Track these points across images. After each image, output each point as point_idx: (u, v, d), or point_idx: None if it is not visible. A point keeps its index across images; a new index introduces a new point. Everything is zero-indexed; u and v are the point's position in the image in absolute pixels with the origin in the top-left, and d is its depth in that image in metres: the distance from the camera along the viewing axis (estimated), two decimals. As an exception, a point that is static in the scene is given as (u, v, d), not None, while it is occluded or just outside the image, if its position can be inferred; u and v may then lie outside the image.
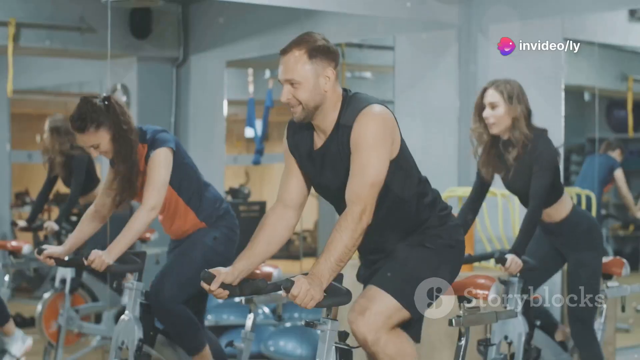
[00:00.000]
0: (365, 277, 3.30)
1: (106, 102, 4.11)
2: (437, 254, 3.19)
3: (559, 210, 4.46)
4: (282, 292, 2.91)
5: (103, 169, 6.39)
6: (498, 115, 4.30)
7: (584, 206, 5.99)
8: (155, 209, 4.08)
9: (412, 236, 3.20)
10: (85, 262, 4.06)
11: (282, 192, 3.24)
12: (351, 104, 3.07)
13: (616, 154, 7.25)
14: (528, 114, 4.33)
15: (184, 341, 4.23)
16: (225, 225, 4.29)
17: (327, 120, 3.09)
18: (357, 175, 3.00)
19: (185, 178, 4.22)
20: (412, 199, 3.15)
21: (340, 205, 3.11)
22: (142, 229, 4.09)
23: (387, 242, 3.21)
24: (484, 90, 4.36)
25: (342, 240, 2.95)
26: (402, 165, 3.11)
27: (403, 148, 3.12)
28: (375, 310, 3.05)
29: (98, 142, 4.09)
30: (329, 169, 3.12)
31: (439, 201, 3.25)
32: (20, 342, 5.38)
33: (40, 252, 4.24)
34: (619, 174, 7.19)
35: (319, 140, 3.14)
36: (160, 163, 4.10)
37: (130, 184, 4.15)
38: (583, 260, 4.47)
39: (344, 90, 3.13)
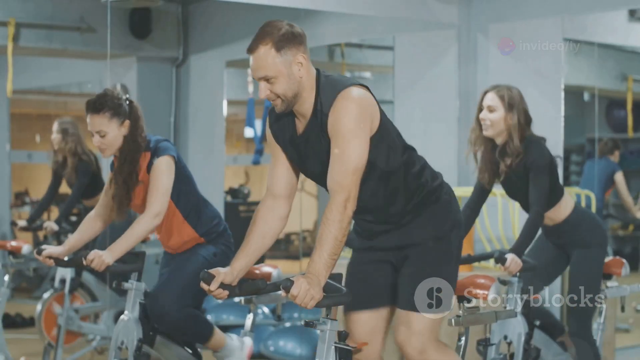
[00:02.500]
0: (361, 247, 3.31)
1: (128, 102, 4.16)
2: (445, 244, 3.21)
3: (561, 211, 4.47)
4: (281, 292, 2.91)
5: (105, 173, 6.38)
6: (494, 119, 4.31)
7: (583, 206, 5.99)
8: (159, 216, 4.07)
9: (413, 221, 3.20)
10: (85, 262, 4.05)
11: (270, 182, 3.23)
12: (327, 87, 3.03)
13: (614, 156, 7.27)
14: (526, 122, 4.34)
15: (195, 338, 4.24)
16: (224, 243, 4.29)
17: (305, 104, 3.06)
18: (338, 163, 2.98)
19: (184, 191, 4.21)
20: (400, 169, 3.15)
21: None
22: (144, 235, 4.09)
23: (384, 217, 3.21)
24: (485, 93, 4.37)
25: (331, 233, 2.94)
26: (384, 138, 3.09)
27: (384, 122, 3.09)
28: (419, 332, 3.16)
29: (107, 131, 4.10)
30: (312, 154, 3.11)
31: (427, 168, 3.24)
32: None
33: (39, 252, 4.23)
34: (619, 177, 7.20)
35: (300, 126, 3.12)
36: (164, 170, 4.10)
37: (128, 188, 4.14)
38: (587, 255, 4.48)
39: (317, 70, 3.09)
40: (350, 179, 2.97)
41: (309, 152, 3.11)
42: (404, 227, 3.22)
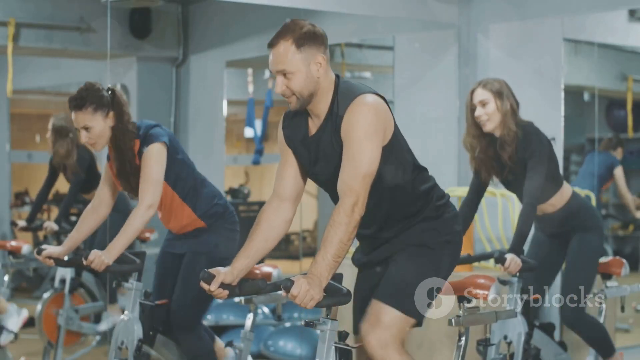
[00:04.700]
0: (361, 262, 3.31)
1: (110, 92, 4.13)
2: (435, 254, 3.19)
3: (560, 199, 4.52)
4: (281, 292, 2.91)
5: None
6: (490, 112, 4.37)
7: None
8: (152, 207, 4.05)
9: (409, 231, 3.19)
10: (85, 262, 4.05)
11: (278, 184, 3.23)
12: (344, 92, 3.05)
13: (617, 153, 7.26)
14: (517, 106, 4.39)
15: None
16: (225, 226, 4.26)
17: (320, 106, 3.07)
18: (349, 166, 2.98)
19: (180, 174, 4.19)
20: (407, 186, 3.14)
21: (334, 193, 3.09)
22: (140, 227, 4.07)
23: (385, 230, 3.20)
24: (472, 91, 4.42)
25: (336, 236, 2.93)
26: (395, 152, 3.09)
27: (396, 135, 3.10)
28: (385, 325, 3.10)
29: (91, 125, 4.07)
30: (323, 157, 3.11)
31: (435, 189, 3.24)
32: (15, 316, 5.36)
33: (39, 252, 4.23)
34: (618, 172, 7.20)
35: (313, 126, 3.12)
36: (153, 159, 4.06)
37: (128, 176, 4.13)
38: (586, 238, 4.54)
39: (336, 75, 3.10)
40: (360, 183, 2.96)
41: (319, 155, 3.11)
42: (398, 238, 3.21)
